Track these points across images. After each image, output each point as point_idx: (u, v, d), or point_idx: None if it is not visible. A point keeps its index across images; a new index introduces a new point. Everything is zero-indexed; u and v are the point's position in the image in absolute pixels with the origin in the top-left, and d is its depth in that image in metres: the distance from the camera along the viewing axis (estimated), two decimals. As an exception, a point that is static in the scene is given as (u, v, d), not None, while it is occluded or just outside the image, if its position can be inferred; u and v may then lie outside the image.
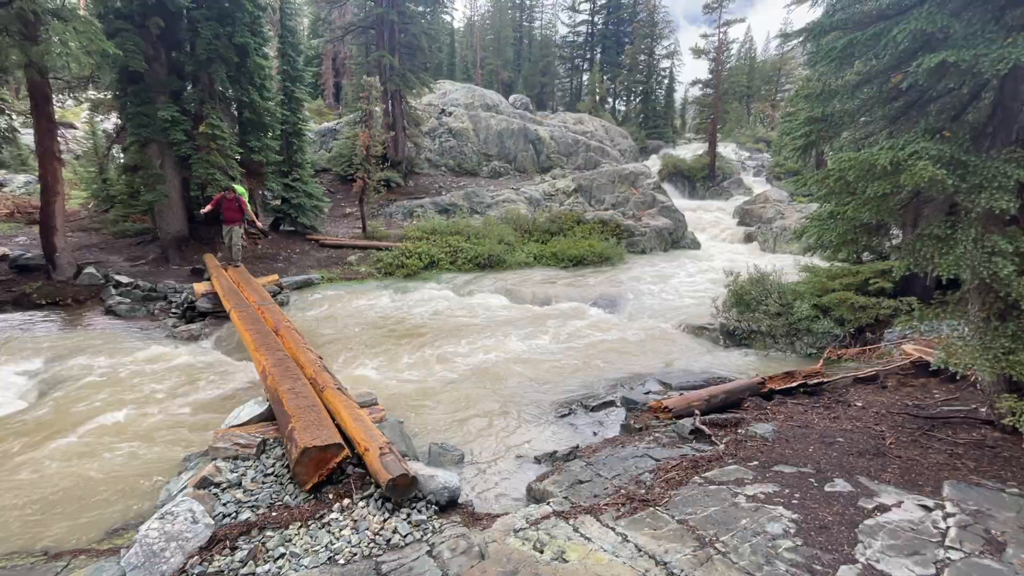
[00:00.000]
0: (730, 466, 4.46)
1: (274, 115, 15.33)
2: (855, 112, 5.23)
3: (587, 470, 4.58)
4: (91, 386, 6.95)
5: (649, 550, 3.28)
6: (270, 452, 4.57)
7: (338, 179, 23.15)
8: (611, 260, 17.28)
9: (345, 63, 35.59)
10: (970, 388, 5.94)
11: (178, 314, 10.31)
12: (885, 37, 4.31)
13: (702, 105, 37.23)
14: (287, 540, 3.47)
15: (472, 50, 52.32)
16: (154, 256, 13.65)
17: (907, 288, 8.39)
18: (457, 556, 3.27)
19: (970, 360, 4.49)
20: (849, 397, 6.26)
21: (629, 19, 50.04)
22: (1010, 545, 3.23)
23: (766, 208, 23.21)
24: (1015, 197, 3.87)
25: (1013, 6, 4.11)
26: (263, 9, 14.56)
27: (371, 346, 9.02)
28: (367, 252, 15.87)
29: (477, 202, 21.74)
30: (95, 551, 3.69)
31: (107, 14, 12.11)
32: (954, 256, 4.13)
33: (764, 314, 9.55)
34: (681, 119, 53.62)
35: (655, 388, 7.25)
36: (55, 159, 10.99)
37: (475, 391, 7.18)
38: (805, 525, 3.51)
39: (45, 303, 10.46)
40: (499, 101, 30.61)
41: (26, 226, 15.49)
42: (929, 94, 4.82)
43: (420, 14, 23.88)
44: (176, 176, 13.67)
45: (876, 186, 4.16)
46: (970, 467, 4.30)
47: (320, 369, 5.74)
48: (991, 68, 3.67)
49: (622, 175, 23.62)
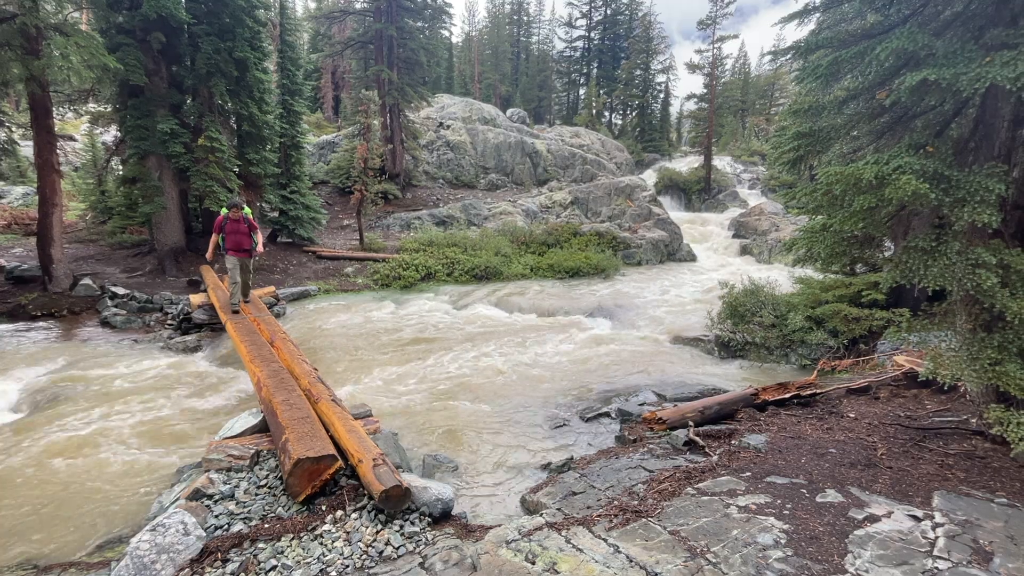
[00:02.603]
0: (723, 477, 4.48)
1: (273, 128, 15.48)
2: (842, 127, 5.34)
3: (581, 481, 4.59)
4: (84, 397, 6.94)
5: (640, 561, 3.29)
6: (264, 464, 4.56)
7: (336, 191, 23.30)
8: (607, 272, 17.37)
9: (344, 77, 35.99)
10: (961, 399, 5.99)
11: (174, 326, 10.31)
12: (869, 55, 4.43)
13: (697, 119, 37.72)
14: (279, 552, 3.46)
15: (470, 64, 52.97)
16: (151, 268, 13.67)
17: (898, 300, 8.48)
18: (449, 568, 3.27)
19: (958, 371, 4.55)
20: (842, 408, 6.29)
21: (625, 35, 50.81)
22: (997, 555, 3.25)
23: (761, 220, 23.40)
24: (997, 211, 3.96)
25: (992, 26, 4.25)
26: (263, 24, 14.77)
27: (367, 358, 9.02)
28: (364, 264, 15.93)
29: (474, 214, 21.87)
30: (85, 564, 3.67)
31: (109, 29, 12.30)
32: (939, 268, 4.21)
33: (758, 326, 9.61)
34: (677, 132, 54.26)
35: (650, 399, 7.27)
36: (54, 171, 11.06)
37: (470, 402, 7.19)
38: (796, 536, 3.53)
39: (40, 314, 10.45)
40: (496, 115, 30.94)
41: (23, 237, 15.52)
42: (913, 110, 4.94)
43: (419, 29, 24.25)
44: (174, 188, 13.75)
45: (862, 199, 4.24)
46: (960, 477, 4.33)
47: (315, 380, 5.75)
48: (970, 86, 3.78)
49: (618, 188, 23.83)
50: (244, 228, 8.34)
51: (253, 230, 8.49)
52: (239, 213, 8.29)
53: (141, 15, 11.99)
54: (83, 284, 11.34)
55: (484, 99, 42.82)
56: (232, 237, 8.32)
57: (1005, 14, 4.19)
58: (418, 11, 23.81)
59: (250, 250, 8.55)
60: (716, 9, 32.61)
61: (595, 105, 46.27)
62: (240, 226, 8.31)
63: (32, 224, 14.47)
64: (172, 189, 13.66)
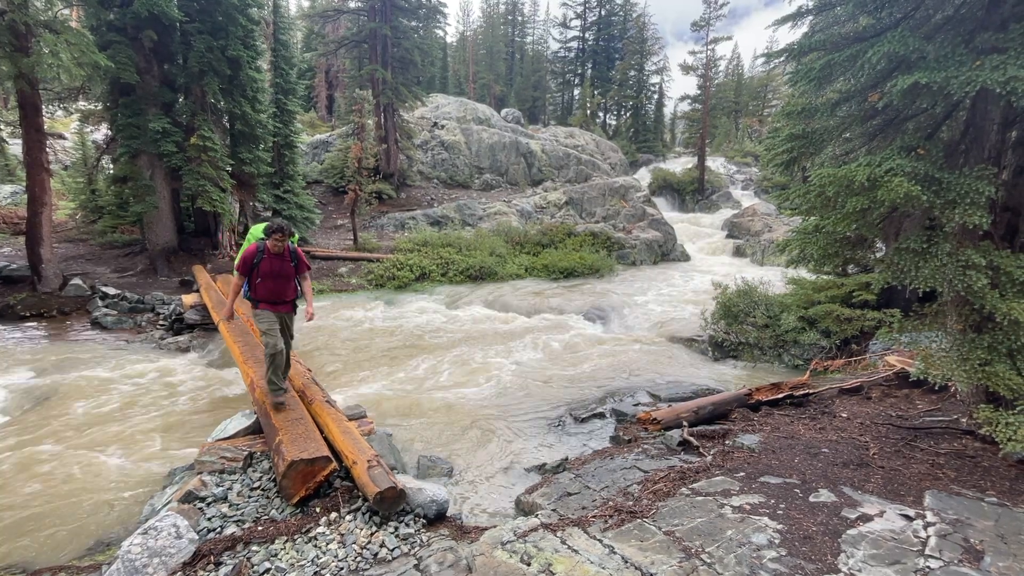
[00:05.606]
0: (717, 477, 4.50)
1: (266, 127, 15.39)
2: (835, 130, 5.39)
3: (576, 482, 4.60)
4: (74, 399, 6.86)
5: (635, 561, 3.30)
6: (257, 465, 4.53)
7: (330, 191, 23.17)
8: (601, 272, 17.41)
9: (338, 76, 35.83)
10: (951, 399, 6.05)
11: (166, 326, 10.22)
12: (862, 58, 4.47)
13: (691, 120, 37.92)
14: (273, 555, 3.44)
15: (465, 64, 52.92)
16: (142, 267, 13.55)
17: (890, 301, 8.55)
18: (444, 570, 3.26)
19: (948, 371, 4.59)
20: (834, 408, 6.34)
21: (619, 36, 50.97)
22: (988, 553, 3.29)
23: (754, 221, 23.55)
24: (987, 213, 4.00)
25: (982, 30, 4.29)
26: (256, 23, 14.69)
27: (361, 358, 8.98)
28: (358, 264, 15.86)
29: (469, 214, 21.84)
30: (75, 568, 3.63)
31: (100, 26, 12.17)
32: (930, 269, 4.25)
33: (752, 326, 9.67)
34: (671, 133, 54.48)
35: (644, 400, 7.29)
36: (43, 170, 10.93)
37: (465, 403, 7.18)
38: (789, 535, 3.55)
39: (30, 315, 10.32)
40: (491, 115, 30.92)
41: (12, 237, 15.32)
42: (905, 113, 4.98)
43: (413, 29, 24.18)
44: (166, 187, 13.63)
45: (854, 201, 4.28)
46: (951, 477, 4.37)
47: (309, 381, 5.72)
48: (960, 89, 3.82)
49: (613, 188, 23.88)
50: (289, 268, 5.08)
51: (301, 271, 5.23)
52: (283, 242, 4.92)
53: (132, 12, 11.88)
54: (73, 284, 11.22)
55: (479, 99, 42.78)
56: (268, 283, 4.97)
57: (995, 18, 4.23)
58: (412, 10, 23.74)
59: (294, 302, 5.27)
60: (709, 11, 32.78)
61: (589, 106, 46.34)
62: (284, 265, 5.03)
63: (21, 223, 14.29)
64: (164, 188, 13.54)
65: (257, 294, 5.00)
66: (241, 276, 4.96)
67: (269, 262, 4.93)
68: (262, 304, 5.01)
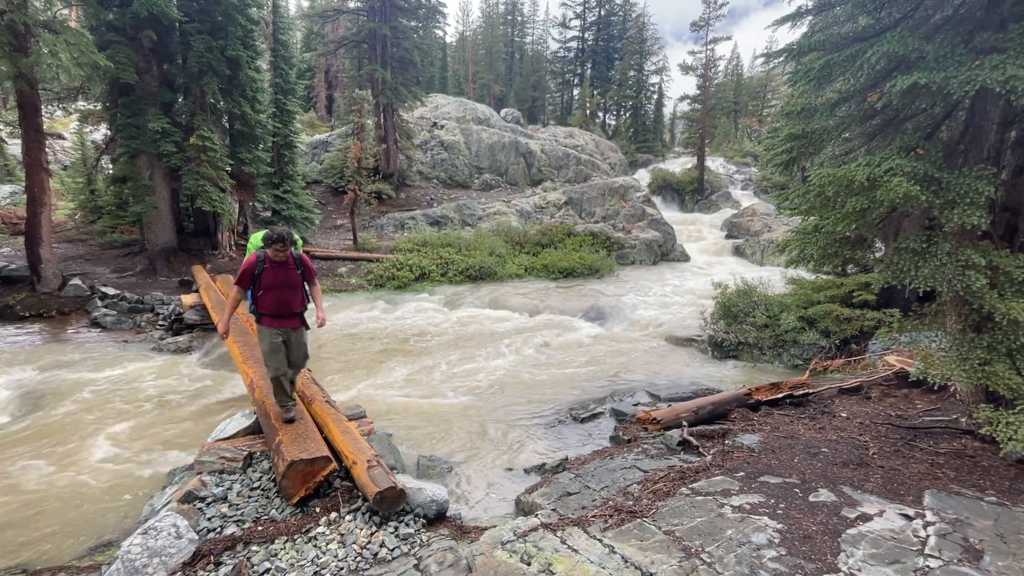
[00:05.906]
0: (717, 477, 4.50)
1: (265, 127, 15.39)
2: (834, 130, 5.39)
3: (575, 482, 4.60)
4: (74, 399, 6.86)
5: (635, 561, 3.30)
6: (257, 466, 4.53)
7: (329, 191, 23.17)
8: (601, 272, 17.41)
9: (338, 76, 35.81)
10: (951, 399, 6.05)
11: (165, 326, 10.22)
12: (861, 58, 4.47)
13: (690, 120, 37.88)
14: (273, 555, 3.44)
15: (464, 64, 52.91)
16: (142, 268, 13.54)
17: (889, 300, 8.56)
18: (444, 569, 3.26)
19: (948, 371, 4.60)
20: (834, 408, 6.34)
21: (619, 36, 50.96)
22: (987, 553, 3.29)
23: (754, 221, 23.55)
24: (986, 213, 4.01)
25: (981, 30, 4.30)
26: (256, 23, 14.68)
27: (360, 358, 8.98)
28: (358, 264, 15.86)
29: (468, 214, 21.84)
30: (75, 568, 3.63)
31: (99, 26, 12.16)
32: (930, 269, 4.25)
33: (751, 326, 9.67)
34: (670, 133, 54.48)
35: (644, 400, 7.29)
36: (42, 170, 10.92)
37: (465, 403, 7.18)
38: (789, 535, 3.55)
39: (29, 315, 10.32)
40: (491, 115, 30.91)
41: (11, 237, 15.31)
42: (904, 113, 4.99)
43: (413, 29, 24.18)
44: (166, 187, 13.62)
45: (854, 201, 4.28)
46: (950, 476, 4.38)
47: (308, 382, 5.72)
48: (960, 89, 3.82)
49: (612, 188, 23.89)
50: (295, 276, 4.73)
51: (309, 278, 4.86)
52: (286, 252, 4.58)
53: (132, 12, 11.87)
54: (72, 284, 11.21)
55: (478, 99, 42.76)
56: (272, 294, 4.62)
57: (994, 18, 4.24)
58: (412, 10, 23.74)
59: (301, 315, 4.90)
60: (709, 11, 32.79)
61: (589, 106, 46.35)
62: (290, 273, 4.67)
63: (20, 223, 14.27)
64: (163, 188, 13.54)
65: (261, 307, 4.64)
66: (241, 290, 4.63)
67: (272, 273, 4.57)
68: (266, 319, 4.65)
